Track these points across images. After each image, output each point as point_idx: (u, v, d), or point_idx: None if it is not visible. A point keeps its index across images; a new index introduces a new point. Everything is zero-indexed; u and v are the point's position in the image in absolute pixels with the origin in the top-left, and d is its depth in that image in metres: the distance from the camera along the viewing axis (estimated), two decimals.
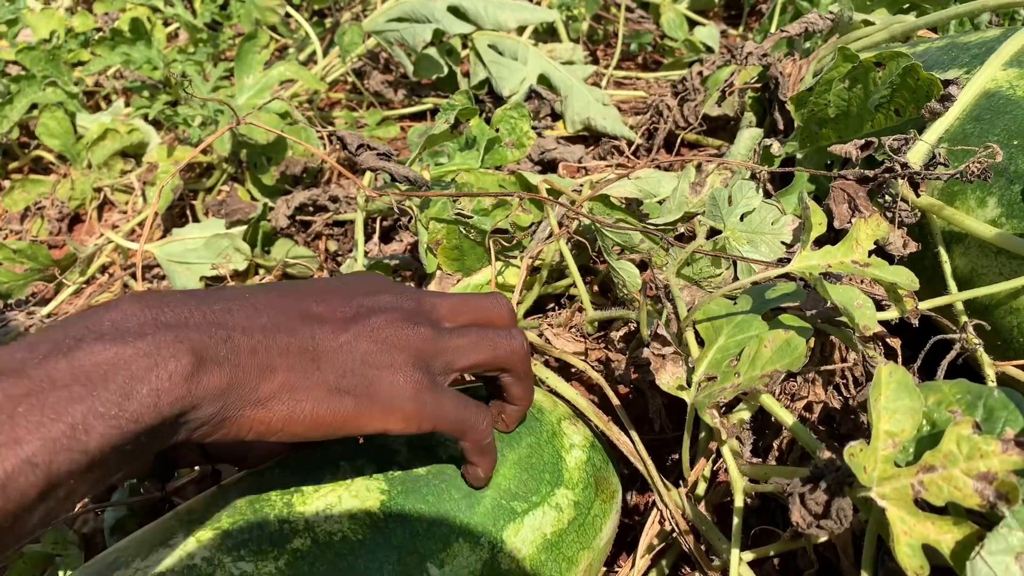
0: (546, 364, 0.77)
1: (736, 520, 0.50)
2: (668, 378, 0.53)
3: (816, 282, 0.49)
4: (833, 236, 0.64)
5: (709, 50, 1.41)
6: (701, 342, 0.56)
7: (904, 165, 0.62)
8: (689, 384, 0.53)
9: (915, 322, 0.53)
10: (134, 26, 1.62)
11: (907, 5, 1.02)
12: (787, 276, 0.61)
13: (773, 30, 1.28)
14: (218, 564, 0.47)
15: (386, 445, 0.56)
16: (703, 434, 0.63)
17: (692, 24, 1.49)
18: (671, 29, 1.44)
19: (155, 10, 1.83)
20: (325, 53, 1.47)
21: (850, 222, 0.64)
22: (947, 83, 0.66)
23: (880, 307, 0.58)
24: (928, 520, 0.41)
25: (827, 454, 0.42)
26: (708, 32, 1.42)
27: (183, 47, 1.73)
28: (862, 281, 0.62)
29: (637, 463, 0.59)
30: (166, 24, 1.98)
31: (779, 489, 0.44)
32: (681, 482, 0.59)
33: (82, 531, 0.78)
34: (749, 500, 0.51)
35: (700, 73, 1.19)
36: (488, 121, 1.00)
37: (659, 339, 0.54)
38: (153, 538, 0.50)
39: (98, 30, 1.93)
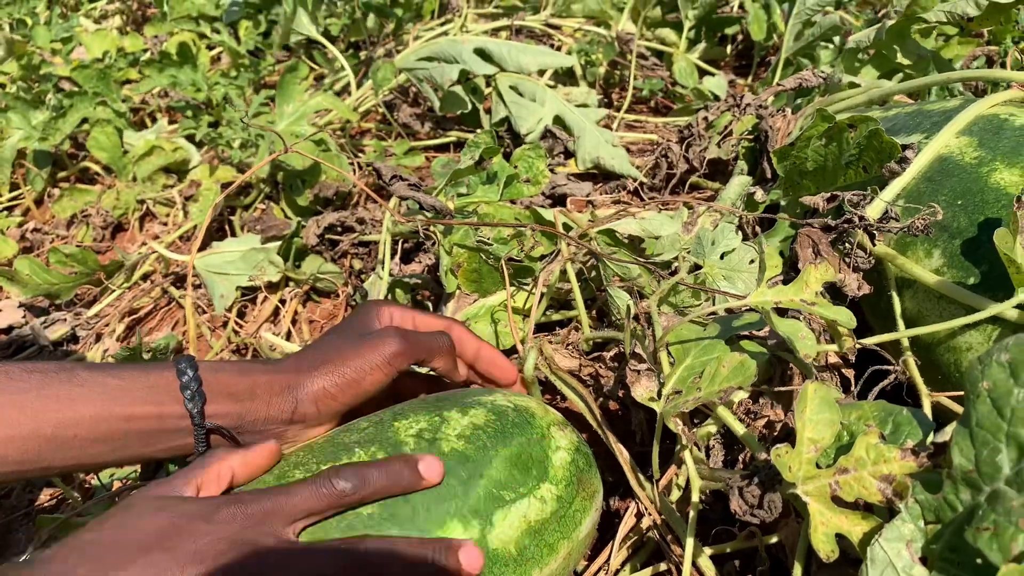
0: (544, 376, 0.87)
1: (692, 513, 0.59)
2: (642, 391, 0.63)
3: (766, 314, 0.58)
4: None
5: (717, 98, 1.50)
6: (673, 362, 0.65)
7: (861, 218, 0.71)
8: (659, 397, 0.62)
9: (852, 358, 0.62)
10: (182, 50, 1.74)
11: (891, 69, 1.11)
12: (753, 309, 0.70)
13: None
14: None
15: (396, 438, 0.65)
16: (678, 447, 0.72)
17: (703, 73, 1.60)
18: (682, 77, 1.55)
19: (201, 35, 1.95)
20: (359, 85, 1.58)
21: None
22: (905, 147, 0.76)
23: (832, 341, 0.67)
24: (842, 514, 0.50)
25: (763, 456, 0.52)
26: (716, 82, 1.52)
27: (225, 71, 1.85)
28: (821, 320, 0.71)
29: (619, 456, 0.68)
30: (210, 48, 2.10)
31: (724, 485, 0.53)
32: (654, 481, 0.68)
33: None
34: (704, 496, 0.60)
35: (706, 119, 1.29)
36: (508, 157, 1.10)
37: (636, 357, 0.63)
38: None
39: (146, 51, 2.06)
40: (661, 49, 1.61)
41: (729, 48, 1.74)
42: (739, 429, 0.59)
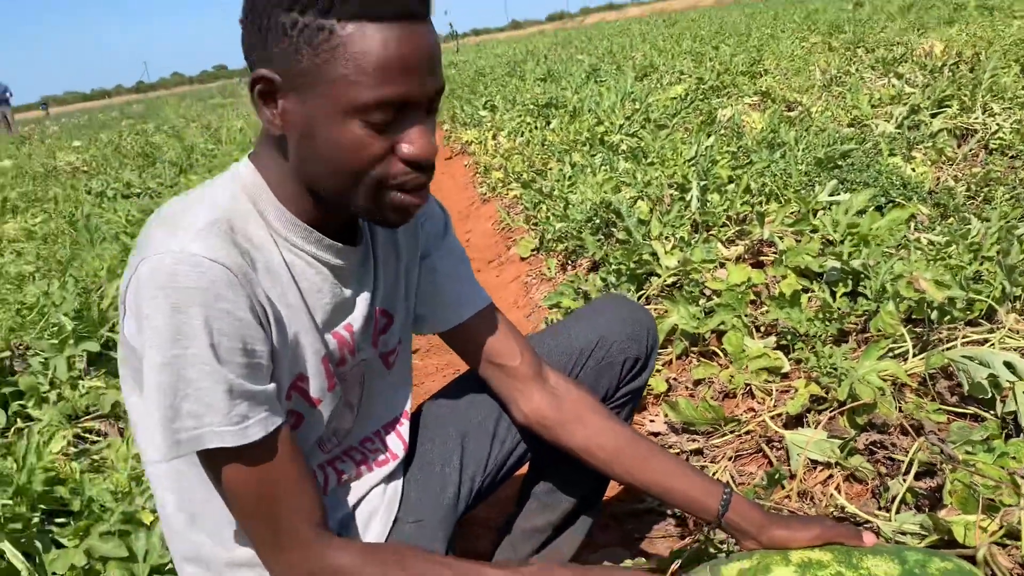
0: None
1: None
2: None
3: None
4: None
5: None
6: None
7: None
8: None
9: None
10: (793, 295, 2.70)
11: None
12: None
13: None
14: None
15: (902, 555, 1.41)
16: None
17: None
18: None
19: (806, 289, 2.90)
20: (914, 355, 2.36)
21: None
22: None
23: None
24: None
25: None
26: None
27: (816, 312, 2.74)
28: None
29: None
30: (805, 291, 3.03)
31: None
32: None
33: None
34: None
35: None
36: (1006, 436, 1.79)
37: None
38: None
39: (765, 285, 3.08)
40: None
41: None
42: None
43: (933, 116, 5.35)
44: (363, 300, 1.34)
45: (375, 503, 1.46)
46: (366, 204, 1.16)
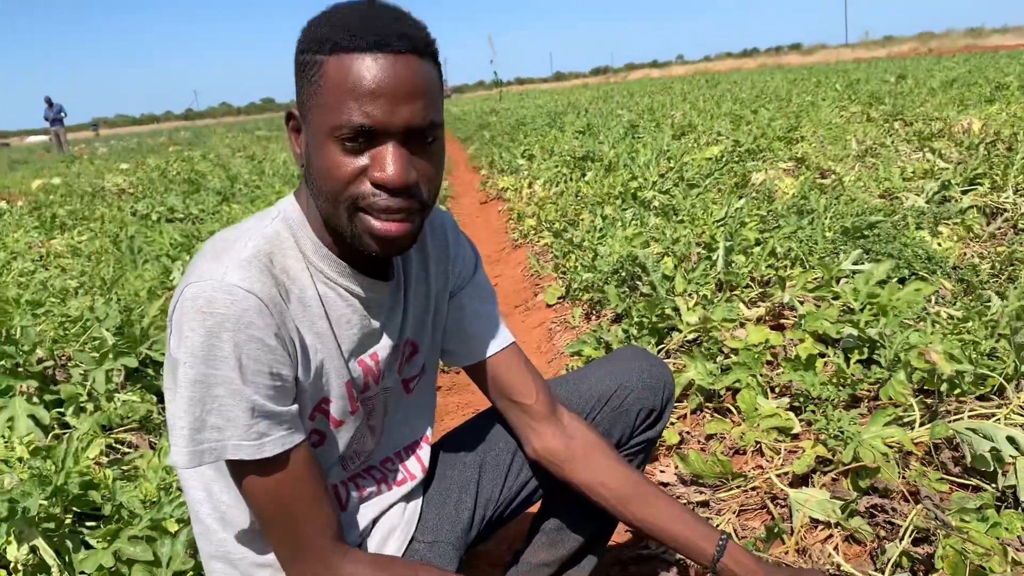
0: None
1: None
2: None
3: None
4: None
5: None
6: None
7: None
8: None
9: None
10: (808, 359, 2.77)
11: None
12: None
13: None
14: None
15: None
16: None
17: None
18: None
19: (822, 354, 2.97)
20: (921, 424, 2.42)
21: None
22: None
23: None
24: None
25: None
26: None
27: (830, 377, 2.81)
28: None
29: None
30: (822, 355, 3.10)
31: None
32: None
33: None
34: None
35: None
36: (1001, 508, 1.85)
37: None
38: None
39: (775, 346, 3.15)
40: None
41: None
42: None
43: (964, 193, 5.41)
44: (391, 331, 1.46)
45: (395, 520, 1.56)
46: (349, 228, 1.26)
